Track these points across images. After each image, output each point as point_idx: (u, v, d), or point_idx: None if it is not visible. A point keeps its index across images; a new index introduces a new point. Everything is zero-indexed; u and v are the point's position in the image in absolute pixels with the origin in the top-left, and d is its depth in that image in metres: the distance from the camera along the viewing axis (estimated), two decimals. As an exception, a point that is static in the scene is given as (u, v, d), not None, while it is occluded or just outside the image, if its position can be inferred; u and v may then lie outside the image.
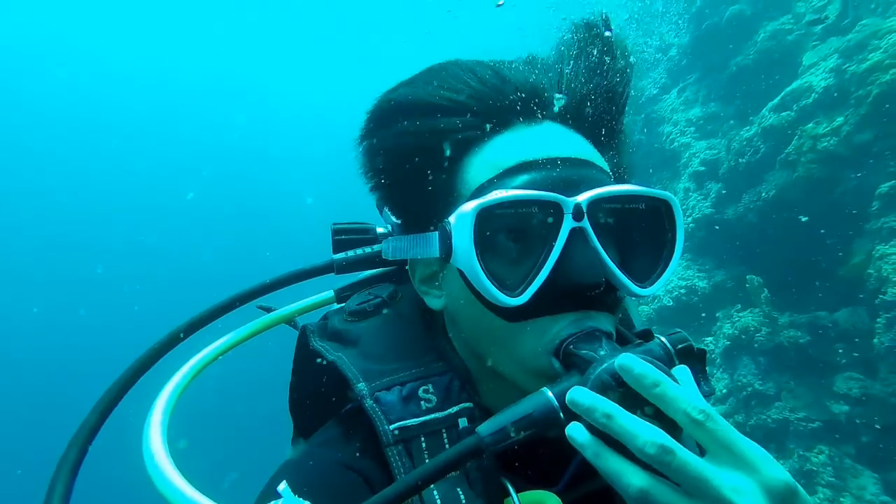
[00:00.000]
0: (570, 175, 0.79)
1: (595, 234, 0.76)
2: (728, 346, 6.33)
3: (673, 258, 0.83)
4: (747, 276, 6.23)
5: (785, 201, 6.03)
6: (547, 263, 0.75)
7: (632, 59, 0.92)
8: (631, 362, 0.63)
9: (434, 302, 0.92)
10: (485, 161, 0.83)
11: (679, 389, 0.62)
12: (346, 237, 1.07)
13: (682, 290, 7.13)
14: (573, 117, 0.87)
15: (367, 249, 1.06)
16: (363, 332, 0.97)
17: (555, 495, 0.78)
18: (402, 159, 0.88)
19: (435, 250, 0.82)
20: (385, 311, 1.01)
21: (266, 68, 25.09)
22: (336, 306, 1.10)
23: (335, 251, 1.09)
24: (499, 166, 0.81)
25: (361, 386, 0.86)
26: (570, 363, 0.73)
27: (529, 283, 0.75)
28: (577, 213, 0.75)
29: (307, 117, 26.78)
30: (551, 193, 0.76)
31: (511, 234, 0.80)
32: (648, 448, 0.59)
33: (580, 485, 0.86)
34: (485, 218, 0.77)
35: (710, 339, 6.78)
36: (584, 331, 0.75)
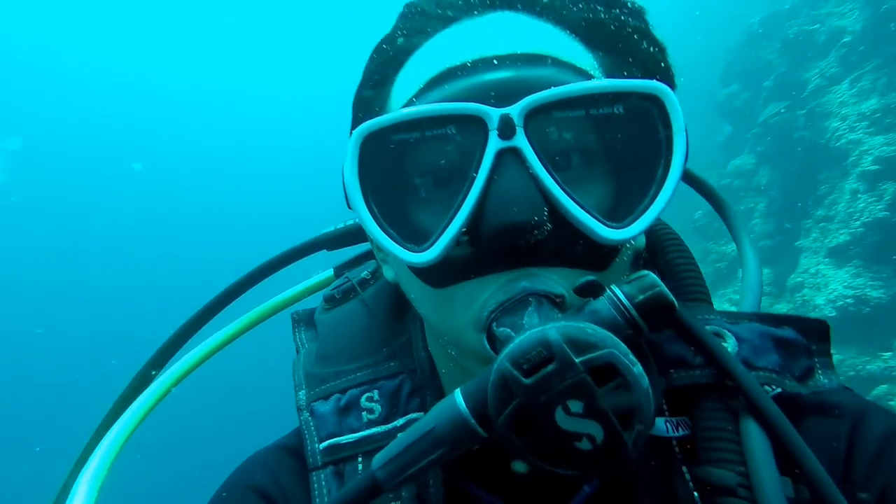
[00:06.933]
0: (507, 78, 0.57)
1: (540, 155, 0.55)
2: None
3: (667, 182, 0.57)
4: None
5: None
6: (465, 202, 0.56)
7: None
8: None
9: (388, 272, 0.75)
10: (408, 75, 0.65)
11: None
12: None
13: (850, 300, 6.59)
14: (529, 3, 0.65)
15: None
16: (326, 324, 0.86)
17: None
18: (358, 97, 0.74)
19: None
20: (352, 296, 0.88)
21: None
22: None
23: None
24: (421, 79, 0.62)
25: (301, 395, 0.76)
26: (494, 346, 0.56)
27: (442, 232, 0.57)
28: (506, 129, 0.55)
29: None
30: (468, 104, 0.56)
31: (425, 168, 0.61)
32: None
33: None
34: (377, 147, 0.60)
35: (889, 353, 6.26)
36: (515, 297, 0.55)
